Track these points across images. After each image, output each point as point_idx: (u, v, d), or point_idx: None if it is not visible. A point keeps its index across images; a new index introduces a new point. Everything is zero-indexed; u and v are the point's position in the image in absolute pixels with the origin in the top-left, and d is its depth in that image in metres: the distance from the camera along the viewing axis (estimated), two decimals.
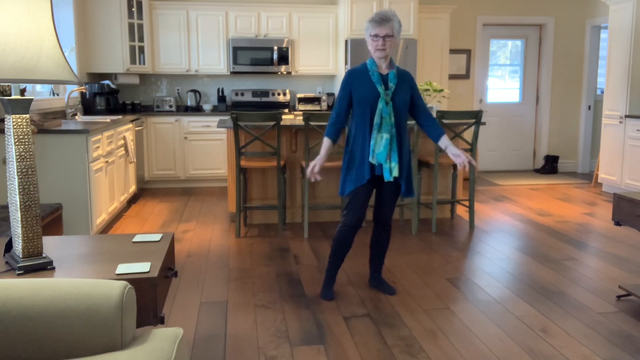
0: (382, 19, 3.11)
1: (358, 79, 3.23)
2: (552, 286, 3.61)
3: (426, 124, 3.33)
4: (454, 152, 3.21)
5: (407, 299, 3.39)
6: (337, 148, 4.93)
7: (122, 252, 2.23)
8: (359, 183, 3.22)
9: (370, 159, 3.19)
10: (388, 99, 3.17)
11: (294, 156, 5.22)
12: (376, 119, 3.16)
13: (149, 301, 1.94)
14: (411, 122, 4.69)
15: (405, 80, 3.26)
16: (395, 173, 3.19)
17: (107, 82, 6.55)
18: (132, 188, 5.83)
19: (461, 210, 5.68)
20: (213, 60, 7.11)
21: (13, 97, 1.95)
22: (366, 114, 3.19)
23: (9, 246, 2.14)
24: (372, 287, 3.58)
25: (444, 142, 3.28)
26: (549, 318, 3.11)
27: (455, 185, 5.30)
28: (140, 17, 6.76)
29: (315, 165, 3.27)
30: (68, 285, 1.63)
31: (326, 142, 3.30)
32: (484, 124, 5.07)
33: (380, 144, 3.17)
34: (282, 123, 4.80)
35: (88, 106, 6.55)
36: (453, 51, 7.82)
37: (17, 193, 1.96)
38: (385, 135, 3.17)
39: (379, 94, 3.17)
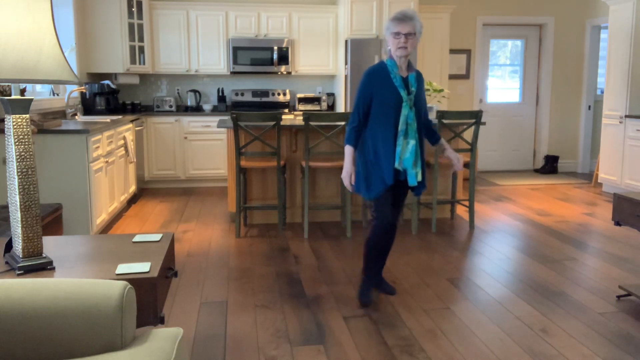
0: (405, 17, 3.06)
1: (379, 80, 3.14)
2: (552, 286, 3.61)
3: (425, 128, 3.33)
4: (452, 156, 3.33)
5: (407, 299, 3.39)
6: (337, 148, 4.93)
7: (122, 252, 2.23)
8: (384, 187, 3.15)
9: (396, 165, 3.13)
10: (411, 104, 3.12)
11: (294, 156, 5.22)
12: (401, 125, 3.10)
13: (149, 301, 1.94)
14: None
15: (420, 82, 3.23)
16: (420, 177, 3.18)
17: (107, 82, 6.55)
18: (132, 188, 5.83)
19: (461, 210, 5.68)
20: (213, 60, 7.11)
21: (13, 97, 1.95)
22: (389, 118, 3.12)
23: (9, 246, 2.14)
24: (388, 294, 3.51)
25: (443, 143, 3.38)
26: (549, 318, 3.11)
27: (455, 185, 5.30)
28: (140, 17, 6.76)
29: (351, 177, 3.22)
30: (68, 285, 1.63)
31: (350, 150, 3.21)
32: (484, 124, 5.07)
33: (406, 150, 3.12)
34: (282, 123, 4.80)
35: (88, 106, 6.55)
36: (453, 51, 7.82)
37: (17, 193, 1.96)
38: (412, 142, 3.13)
39: (401, 98, 3.10)
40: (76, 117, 5.89)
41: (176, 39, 7.01)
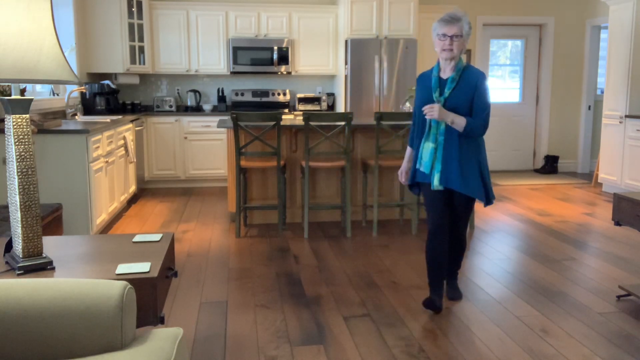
0: (452, 18, 3.00)
1: (422, 83, 3.20)
2: (552, 286, 3.61)
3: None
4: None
5: (407, 299, 3.38)
6: (337, 148, 4.93)
7: (122, 252, 2.23)
8: (409, 185, 3.34)
9: (418, 166, 3.18)
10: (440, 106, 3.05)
11: (294, 156, 5.22)
12: (427, 127, 3.12)
13: (149, 301, 1.94)
14: None
15: (468, 82, 3.04)
16: (436, 182, 3.06)
17: (107, 82, 6.54)
18: (132, 188, 5.83)
19: None
20: (213, 60, 7.11)
21: (13, 97, 1.95)
22: (420, 121, 3.20)
23: (9, 246, 2.14)
24: (450, 300, 3.39)
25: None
26: (549, 318, 3.11)
27: None
28: (140, 17, 6.76)
29: (402, 174, 3.39)
30: (68, 285, 1.63)
31: (408, 150, 3.39)
32: None
33: (426, 153, 3.11)
34: (282, 123, 4.80)
35: (88, 106, 6.55)
36: None
37: (17, 193, 1.96)
38: (431, 145, 3.09)
39: (432, 101, 3.10)
40: (76, 117, 5.89)
41: (176, 39, 7.01)
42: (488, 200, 3.17)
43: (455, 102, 3.03)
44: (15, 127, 1.95)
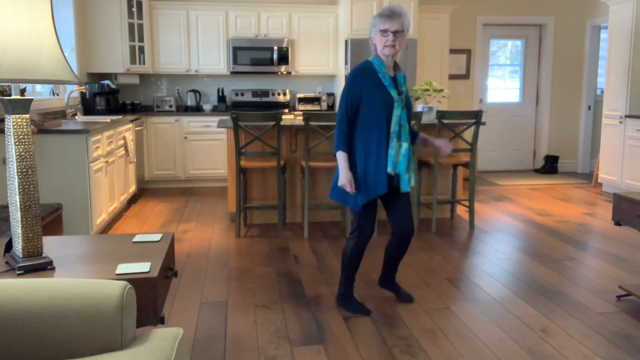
0: (393, 13, 2.90)
1: (368, 81, 2.97)
2: (552, 286, 3.61)
3: None
4: (438, 143, 3.18)
5: None
6: None
7: (122, 252, 2.23)
8: (375, 195, 3.00)
9: (390, 170, 2.97)
10: (403, 104, 2.99)
11: (294, 156, 5.22)
12: (394, 127, 2.96)
13: (149, 301, 1.94)
14: None
15: (405, 82, 3.14)
16: (413, 182, 3.04)
17: (107, 82, 6.54)
18: (132, 188, 5.83)
19: (461, 210, 5.68)
20: (213, 60, 7.11)
21: (13, 97, 1.95)
22: (381, 120, 2.96)
23: (9, 246, 2.14)
24: (382, 287, 3.41)
25: (422, 137, 3.22)
26: (549, 318, 3.11)
27: (455, 185, 5.30)
28: (140, 17, 6.76)
29: (351, 184, 2.99)
30: (68, 285, 1.63)
31: (344, 156, 2.99)
32: (484, 124, 5.07)
33: (399, 154, 2.99)
34: (282, 123, 4.80)
35: (88, 106, 6.55)
36: (453, 51, 7.82)
37: (17, 193, 1.96)
38: (405, 144, 2.99)
39: (392, 99, 2.96)
40: (76, 117, 5.89)
41: (176, 39, 7.01)
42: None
43: (408, 100, 3.10)
44: (15, 127, 1.95)
